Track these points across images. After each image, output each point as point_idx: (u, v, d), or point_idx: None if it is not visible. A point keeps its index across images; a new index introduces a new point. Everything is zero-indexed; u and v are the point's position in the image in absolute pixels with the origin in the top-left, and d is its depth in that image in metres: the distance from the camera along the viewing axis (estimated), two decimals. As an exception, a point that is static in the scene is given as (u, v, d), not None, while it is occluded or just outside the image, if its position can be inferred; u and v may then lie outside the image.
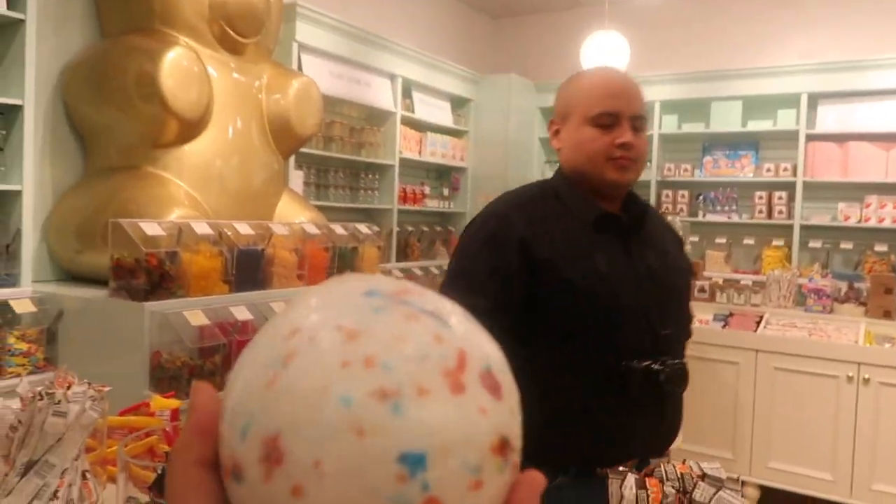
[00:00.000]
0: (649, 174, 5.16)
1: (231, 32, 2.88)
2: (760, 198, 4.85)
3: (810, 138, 4.64)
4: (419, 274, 4.69)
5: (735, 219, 4.92)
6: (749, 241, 4.95)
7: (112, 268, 2.35)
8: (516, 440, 0.28)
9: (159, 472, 0.77)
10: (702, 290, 4.12)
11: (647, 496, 1.18)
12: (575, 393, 1.23)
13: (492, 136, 5.44)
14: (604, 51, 4.32)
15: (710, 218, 5.01)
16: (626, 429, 1.24)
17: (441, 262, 5.07)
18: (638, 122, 1.29)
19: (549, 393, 1.15)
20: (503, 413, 0.27)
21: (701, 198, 5.12)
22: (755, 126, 4.85)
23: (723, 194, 5.02)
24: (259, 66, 3.08)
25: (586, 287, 1.23)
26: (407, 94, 4.88)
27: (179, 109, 2.56)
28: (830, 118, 4.63)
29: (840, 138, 4.56)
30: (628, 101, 1.28)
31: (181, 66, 2.56)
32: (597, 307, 1.24)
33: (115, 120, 2.69)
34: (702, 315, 3.88)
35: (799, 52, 4.77)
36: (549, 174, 1.41)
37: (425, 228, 5.13)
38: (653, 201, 5.13)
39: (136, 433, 0.90)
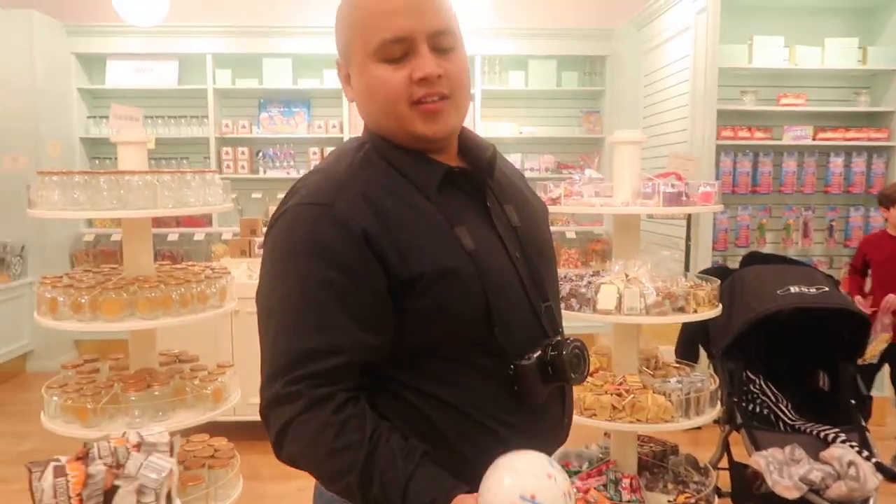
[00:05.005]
0: (207, 131, 4.98)
1: None
2: (315, 153, 5.09)
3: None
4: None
5: (294, 174, 5.08)
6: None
7: None
8: None
9: None
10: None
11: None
12: (466, 418, 0.94)
13: (12, 84, 4.58)
14: (138, -6, 3.94)
15: (272, 174, 5.08)
16: (530, 434, 0.98)
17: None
18: (441, 39, 0.93)
19: (438, 425, 0.93)
20: None
21: (261, 154, 5.15)
22: (305, 84, 5.04)
23: (280, 151, 5.13)
24: None
25: (460, 277, 0.92)
26: None
27: None
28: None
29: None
30: (420, 15, 0.91)
31: None
32: (472, 300, 0.92)
33: None
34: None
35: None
36: (95, 130, 0.95)
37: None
38: (212, 160, 4.98)
39: None
